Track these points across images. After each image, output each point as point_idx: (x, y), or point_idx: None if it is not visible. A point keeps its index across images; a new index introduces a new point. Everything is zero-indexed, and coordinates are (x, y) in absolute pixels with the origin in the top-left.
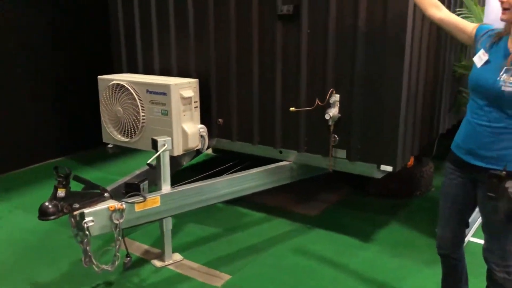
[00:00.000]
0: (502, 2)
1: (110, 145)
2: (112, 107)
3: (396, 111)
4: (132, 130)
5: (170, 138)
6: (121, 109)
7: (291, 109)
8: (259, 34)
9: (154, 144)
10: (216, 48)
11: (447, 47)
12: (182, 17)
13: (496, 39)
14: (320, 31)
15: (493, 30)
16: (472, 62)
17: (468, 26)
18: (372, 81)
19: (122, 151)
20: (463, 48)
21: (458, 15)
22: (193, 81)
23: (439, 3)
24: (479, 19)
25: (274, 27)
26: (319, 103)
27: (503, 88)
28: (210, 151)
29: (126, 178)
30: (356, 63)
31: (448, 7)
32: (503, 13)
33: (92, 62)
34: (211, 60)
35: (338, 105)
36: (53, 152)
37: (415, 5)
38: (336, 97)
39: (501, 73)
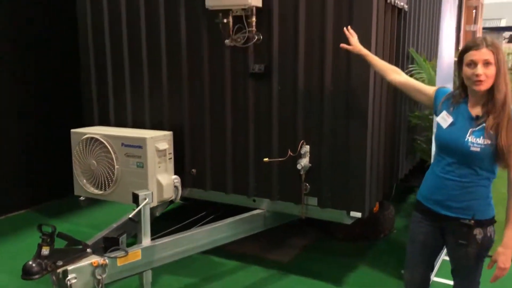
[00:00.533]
0: (477, 75)
1: (82, 198)
2: (86, 160)
3: (362, 160)
4: (106, 183)
5: (150, 192)
6: (95, 162)
7: (265, 160)
8: (232, 89)
9: (135, 198)
10: (190, 101)
11: (402, 99)
12: (156, 71)
13: (456, 102)
14: (289, 88)
15: (451, 93)
16: (425, 113)
17: (427, 89)
18: (339, 134)
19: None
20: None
21: (411, 71)
22: (168, 134)
23: (398, 69)
24: (428, 74)
25: (246, 83)
26: (291, 153)
27: (471, 148)
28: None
29: (104, 232)
30: (324, 117)
31: (398, 63)
32: (477, 85)
33: (58, 112)
34: (185, 112)
35: (309, 155)
36: (16, 204)
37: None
38: (306, 148)
39: (468, 135)
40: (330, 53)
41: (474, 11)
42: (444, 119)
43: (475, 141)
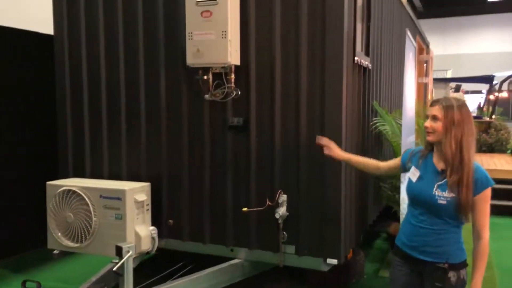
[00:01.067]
0: (426, 127)
1: (56, 251)
2: (62, 213)
3: (337, 208)
4: (83, 235)
5: (133, 244)
6: (71, 215)
7: (244, 209)
8: (211, 141)
9: (119, 251)
10: (168, 152)
11: (369, 148)
12: (134, 122)
13: (423, 156)
14: (267, 139)
15: (418, 149)
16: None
17: (397, 160)
18: (315, 183)
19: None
20: (380, 150)
21: (375, 123)
22: (146, 185)
23: (376, 162)
24: (391, 125)
25: (225, 135)
26: (269, 203)
27: (438, 202)
28: None
29: (85, 286)
30: (300, 167)
31: (365, 117)
32: (428, 135)
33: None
34: (163, 163)
35: (286, 204)
36: None
37: (347, 119)
38: (284, 197)
39: (435, 188)
40: (304, 107)
41: (425, 64)
42: (413, 174)
43: (441, 195)
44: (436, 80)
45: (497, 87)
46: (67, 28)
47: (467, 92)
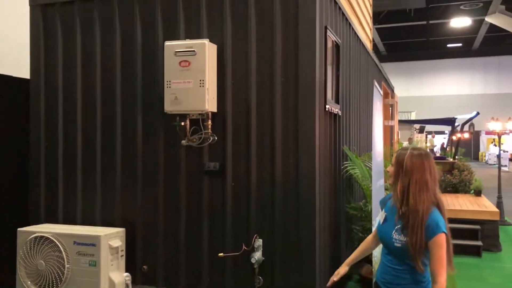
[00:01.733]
0: (387, 171)
1: None
2: (33, 261)
3: (312, 252)
4: (55, 284)
5: None
6: (43, 262)
7: (220, 254)
8: (187, 186)
9: None
10: (143, 197)
11: (341, 192)
12: (110, 168)
13: (391, 202)
14: (243, 184)
15: (390, 194)
16: (359, 204)
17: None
18: (290, 227)
19: None
20: (351, 192)
21: (346, 167)
22: (121, 231)
23: (366, 242)
24: (360, 168)
25: (201, 180)
26: (245, 248)
27: (395, 244)
28: None
29: None
30: (276, 211)
31: (336, 161)
32: (389, 178)
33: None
34: (138, 209)
35: (262, 249)
36: None
37: (319, 163)
38: (259, 242)
39: (393, 231)
40: (279, 152)
41: (390, 108)
42: (381, 216)
43: (398, 238)
44: (402, 122)
45: (458, 128)
46: (43, 72)
47: (430, 133)
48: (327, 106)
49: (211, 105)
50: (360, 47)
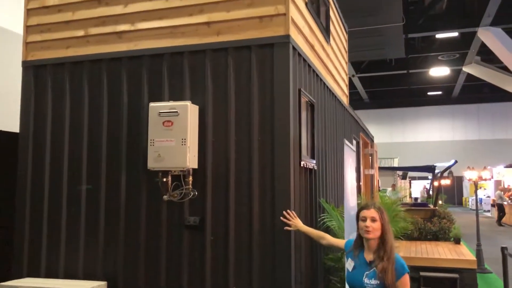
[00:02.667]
0: (366, 227)
1: None
2: None
3: None
4: None
5: None
6: None
7: None
8: (167, 240)
9: None
10: (125, 251)
11: (318, 245)
12: (94, 222)
13: (356, 250)
14: (221, 238)
15: (352, 242)
16: (337, 256)
17: (341, 243)
18: (266, 279)
19: None
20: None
21: (323, 219)
22: (102, 284)
23: (324, 234)
24: (337, 220)
25: (182, 235)
26: None
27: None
28: None
29: None
30: (253, 264)
31: (313, 213)
32: (367, 233)
33: None
34: (119, 262)
35: None
36: None
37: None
38: None
39: (364, 277)
40: (256, 208)
41: (370, 157)
42: (349, 265)
43: (369, 282)
44: (384, 169)
45: (439, 175)
46: (33, 126)
47: (414, 178)
48: (302, 162)
49: (192, 162)
50: (336, 103)
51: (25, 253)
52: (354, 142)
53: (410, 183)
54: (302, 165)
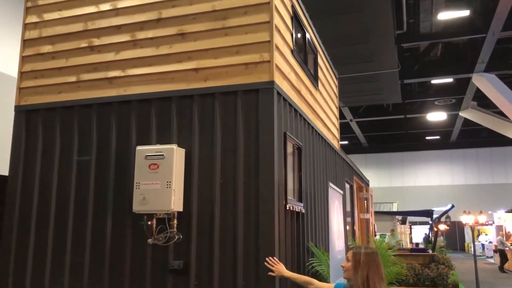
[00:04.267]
0: (342, 266)
1: None
2: None
3: None
4: None
5: None
6: None
7: None
8: (152, 284)
9: None
10: None
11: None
12: (78, 263)
13: None
14: (206, 283)
15: (342, 285)
16: None
17: (330, 286)
18: None
19: None
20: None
21: (311, 263)
22: None
23: (311, 279)
24: (327, 265)
25: (166, 279)
26: None
27: None
28: None
29: None
30: None
31: (300, 257)
32: (344, 273)
33: None
34: None
35: None
36: None
37: (280, 260)
38: None
39: None
40: (241, 253)
41: (365, 201)
42: None
43: None
44: (382, 213)
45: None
46: (22, 169)
47: (415, 223)
48: (288, 205)
49: (177, 205)
50: (326, 147)
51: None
52: (348, 186)
53: (410, 228)
54: (288, 208)
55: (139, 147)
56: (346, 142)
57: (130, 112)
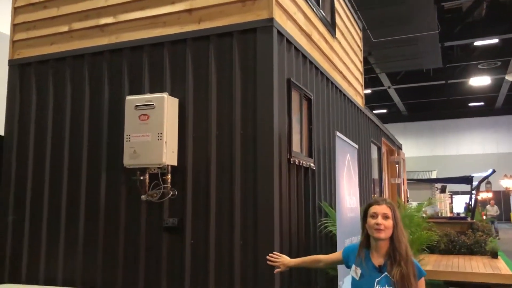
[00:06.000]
0: (377, 224)
1: None
2: None
3: None
4: None
5: None
6: None
7: None
8: (147, 243)
9: None
10: (104, 256)
11: (318, 248)
12: (73, 226)
13: (361, 253)
14: (201, 242)
15: (354, 246)
16: None
17: (338, 255)
18: (249, 285)
19: None
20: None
21: (324, 223)
22: None
23: (318, 256)
24: None
25: (161, 237)
26: None
27: None
28: None
29: None
30: (235, 274)
31: (309, 216)
32: (378, 232)
33: None
34: (98, 268)
35: None
36: None
37: (282, 218)
38: None
39: (375, 285)
40: (238, 210)
41: (397, 166)
42: (355, 272)
43: None
44: (419, 181)
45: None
46: (17, 128)
47: (456, 193)
48: (292, 159)
49: (169, 159)
50: (345, 102)
51: (7, 259)
52: (375, 147)
53: (451, 197)
54: (292, 162)
55: (128, 97)
56: (384, 111)
57: (122, 61)
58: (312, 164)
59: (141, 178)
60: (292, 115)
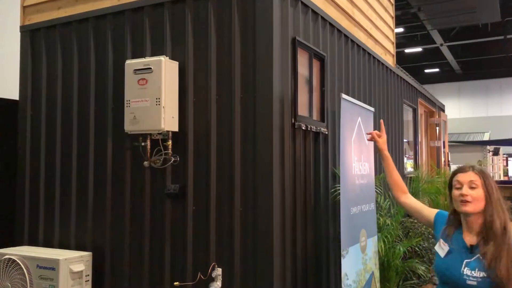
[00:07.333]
0: (463, 195)
1: None
2: (2, 283)
3: (270, 285)
4: None
5: None
6: (9, 285)
7: (175, 283)
8: (151, 209)
9: None
10: (111, 221)
11: (329, 217)
12: (83, 190)
13: (451, 228)
14: (203, 208)
15: (444, 216)
16: None
17: (428, 213)
18: (249, 257)
19: None
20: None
21: (336, 189)
22: (86, 254)
23: (405, 188)
24: None
25: (164, 204)
26: (201, 277)
27: (467, 282)
28: None
29: None
30: (235, 240)
31: (319, 182)
32: (463, 205)
33: None
34: (106, 233)
35: (221, 279)
36: None
37: (283, 183)
38: (218, 271)
39: (463, 266)
40: (238, 177)
41: (437, 128)
42: (441, 248)
43: (471, 274)
44: (468, 143)
45: None
46: (30, 94)
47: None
48: (297, 123)
49: (169, 125)
50: (370, 62)
51: (25, 222)
52: (410, 109)
53: (506, 160)
54: (297, 127)
55: (128, 61)
56: (437, 70)
57: (124, 23)
58: (323, 129)
59: (143, 144)
60: (297, 77)
